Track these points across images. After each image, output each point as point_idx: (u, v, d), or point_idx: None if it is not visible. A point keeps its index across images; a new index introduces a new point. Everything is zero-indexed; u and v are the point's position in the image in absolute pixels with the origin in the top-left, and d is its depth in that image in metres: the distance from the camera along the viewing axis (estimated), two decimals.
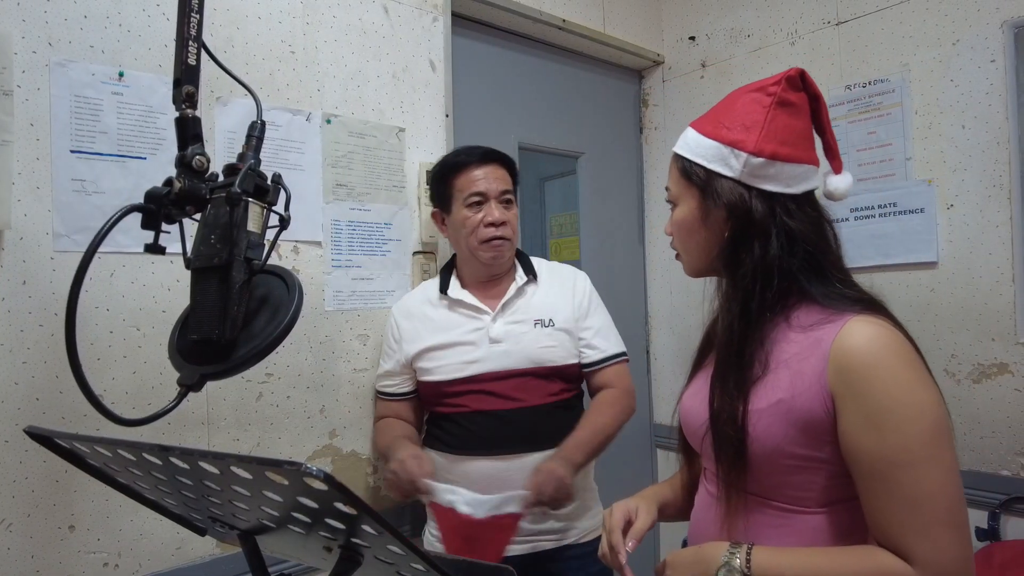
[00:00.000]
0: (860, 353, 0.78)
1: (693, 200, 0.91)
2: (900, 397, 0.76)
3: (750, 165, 0.86)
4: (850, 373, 0.78)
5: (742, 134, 0.87)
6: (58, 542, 1.15)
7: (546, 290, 1.48)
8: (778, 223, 0.86)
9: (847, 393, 0.79)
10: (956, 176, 1.71)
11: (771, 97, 0.87)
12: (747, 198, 0.86)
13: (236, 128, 1.37)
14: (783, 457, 0.83)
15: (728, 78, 2.20)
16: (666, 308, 2.40)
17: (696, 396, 0.97)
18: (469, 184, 1.41)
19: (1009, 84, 1.63)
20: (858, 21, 1.89)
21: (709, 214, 0.89)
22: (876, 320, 0.81)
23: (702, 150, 0.90)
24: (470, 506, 1.21)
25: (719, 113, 0.92)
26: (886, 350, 0.78)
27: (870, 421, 0.77)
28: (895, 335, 0.80)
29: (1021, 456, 1.61)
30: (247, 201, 0.87)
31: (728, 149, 0.87)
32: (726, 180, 0.88)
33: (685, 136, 0.95)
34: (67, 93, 1.17)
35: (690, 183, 0.91)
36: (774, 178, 0.87)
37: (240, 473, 0.58)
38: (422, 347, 1.42)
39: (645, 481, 2.41)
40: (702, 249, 0.93)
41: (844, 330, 0.80)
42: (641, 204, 2.46)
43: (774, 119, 0.87)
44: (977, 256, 1.67)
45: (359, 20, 1.59)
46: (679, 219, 0.94)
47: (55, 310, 1.15)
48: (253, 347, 0.86)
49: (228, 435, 1.35)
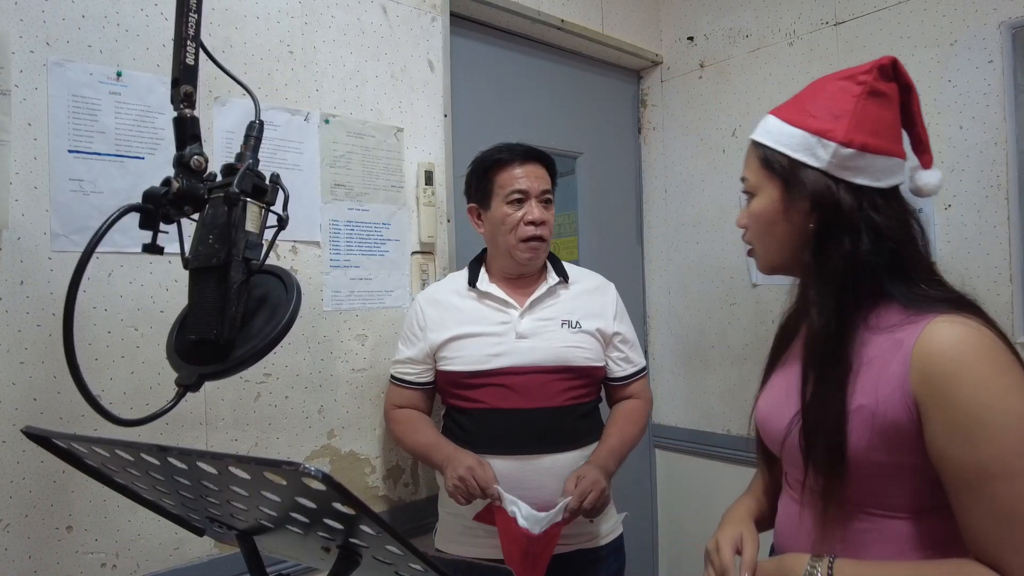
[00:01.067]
0: (944, 357, 0.74)
1: (775, 191, 0.87)
2: (991, 404, 0.71)
3: (839, 156, 0.82)
4: (935, 379, 0.74)
5: (830, 123, 0.83)
6: (56, 542, 1.15)
7: (576, 293, 1.49)
8: (865, 218, 0.82)
9: (932, 400, 0.74)
10: (954, 176, 1.71)
11: (861, 86, 0.83)
12: (835, 190, 0.82)
13: (234, 128, 1.37)
14: (868, 464, 0.79)
15: (726, 78, 2.20)
16: (664, 308, 2.40)
17: (774, 400, 0.93)
18: (511, 181, 1.41)
19: (1007, 85, 1.63)
20: (856, 21, 1.89)
21: (791, 206, 0.86)
22: (962, 319, 0.76)
23: (785, 138, 0.86)
24: (527, 521, 1.22)
25: (803, 101, 0.88)
26: (973, 352, 0.73)
27: (959, 430, 0.72)
28: (983, 335, 0.75)
29: None
30: (245, 201, 0.87)
31: (815, 138, 0.83)
32: (812, 170, 0.84)
33: (766, 123, 0.91)
34: (65, 93, 1.17)
35: (772, 173, 0.88)
36: (863, 170, 0.82)
37: (238, 473, 0.58)
38: (448, 336, 1.42)
39: (644, 482, 2.41)
40: (781, 243, 0.89)
41: (926, 332, 0.76)
42: (639, 204, 2.47)
43: (864, 109, 0.83)
44: (975, 256, 1.67)
45: (357, 20, 1.59)
46: (758, 210, 0.90)
47: (53, 310, 1.15)
48: (251, 347, 0.86)
49: (226, 435, 1.35)
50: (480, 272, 1.49)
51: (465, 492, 1.26)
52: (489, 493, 1.25)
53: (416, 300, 1.52)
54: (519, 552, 1.25)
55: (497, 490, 1.25)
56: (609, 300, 1.52)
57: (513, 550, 1.25)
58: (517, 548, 1.25)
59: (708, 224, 2.26)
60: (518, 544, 1.24)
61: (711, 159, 2.25)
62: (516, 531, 1.23)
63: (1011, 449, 0.70)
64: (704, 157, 2.27)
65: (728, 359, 2.21)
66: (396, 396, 1.50)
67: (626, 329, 1.52)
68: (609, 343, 1.48)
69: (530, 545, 1.23)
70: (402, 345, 1.50)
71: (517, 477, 1.32)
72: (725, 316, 2.22)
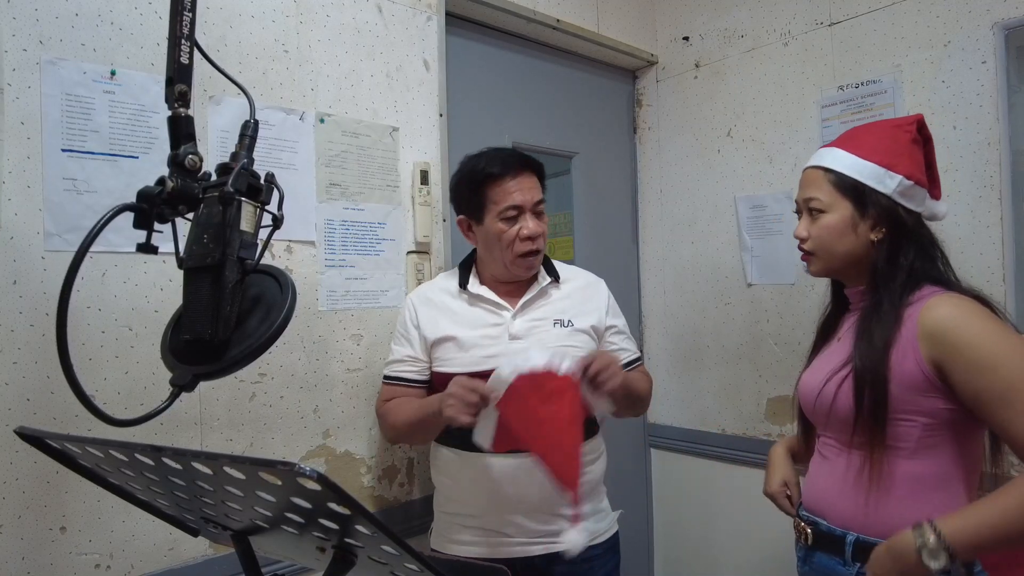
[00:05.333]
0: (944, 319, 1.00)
1: (846, 210, 1.12)
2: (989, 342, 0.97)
3: (903, 185, 1.10)
4: (943, 336, 1.00)
5: (894, 160, 1.10)
6: (49, 543, 1.14)
7: (567, 292, 1.49)
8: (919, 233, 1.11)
9: (946, 353, 0.99)
10: (948, 177, 1.71)
11: (909, 134, 1.13)
12: (899, 211, 1.10)
13: (229, 127, 1.36)
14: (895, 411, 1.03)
15: (722, 78, 2.21)
16: (659, 308, 2.40)
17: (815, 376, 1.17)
18: (504, 197, 1.37)
19: (1000, 85, 1.64)
20: (850, 22, 1.90)
21: (860, 222, 1.11)
22: (956, 296, 1.04)
23: (858, 168, 1.11)
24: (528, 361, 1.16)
25: (862, 139, 1.15)
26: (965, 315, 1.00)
27: (976, 366, 0.97)
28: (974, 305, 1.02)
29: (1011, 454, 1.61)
30: (240, 200, 0.87)
31: (883, 170, 1.10)
32: (881, 195, 1.10)
33: (833, 154, 1.15)
34: (58, 91, 1.16)
35: (844, 194, 1.12)
36: (911, 198, 1.11)
37: (233, 473, 0.58)
38: (441, 335, 1.41)
39: (640, 480, 2.41)
40: (846, 251, 1.13)
41: (925, 307, 1.03)
42: (635, 204, 2.47)
43: (913, 151, 1.12)
44: (968, 256, 1.68)
45: (353, 19, 1.58)
46: (830, 224, 1.13)
47: (46, 310, 1.14)
48: (246, 347, 0.86)
49: (221, 435, 1.35)
50: (470, 275, 1.47)
51: (463, 405, 1.18)
52: (483, 390, 1.18)
53: (409, 299, 1.51)
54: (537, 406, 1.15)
55: (489, 384, 1.18)
56: (601, 296, 1.52)
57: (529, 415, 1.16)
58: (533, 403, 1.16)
59: (703, 224, 2.26)
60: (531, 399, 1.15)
61: (706, 159, 2.25)
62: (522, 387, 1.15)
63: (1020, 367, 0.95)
64: (699, 157, 2.28)
65: (723, 358, 2.21)
66: (388, 394, 1.46)
67: (620, 322, 1.53)
68: (603, 337, 1.49)
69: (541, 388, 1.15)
70: (395, 345, 1.48)
71: (515, 475, 1.32)
72: (720, 315, 2.22)
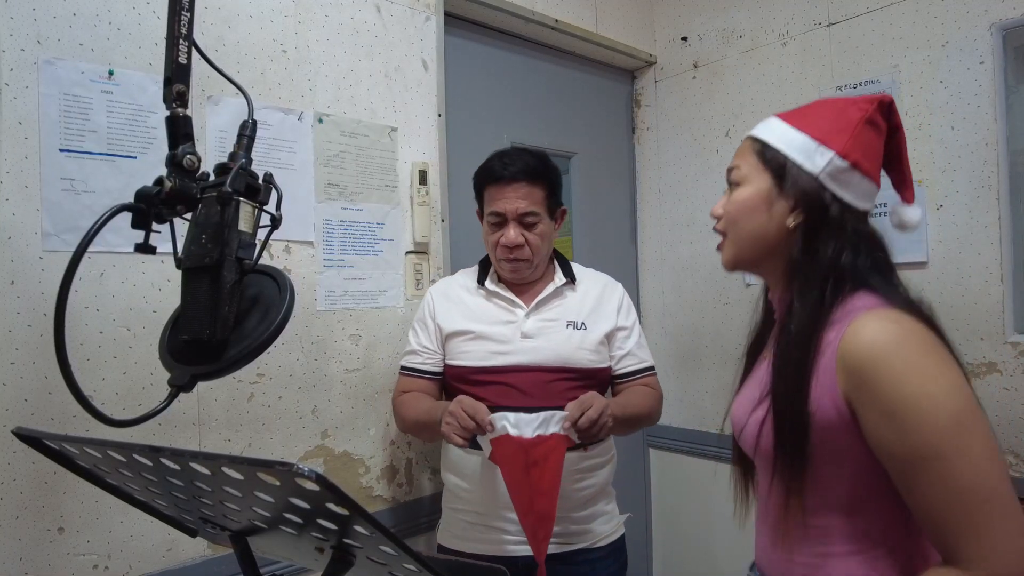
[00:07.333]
0: (864, 352, 0.77)
1: (763, 183, 0.91)
2: (912, 391, 0.74)
3: (833, 165, 0.87)
4: (859, 374, 0.77)
5: (832, 135, 0.88)
6: (47, 544, 1.14)
7: (583, 295, 1.49)
8: (850, 228, 0.87)
9: (860, 394, 0.78)
10: (946, 177, 1.72)
11: (862, 112, 0.88)
12: (823, 196, 0.87)
13: (227, 127, 1.36)
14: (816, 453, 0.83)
15: (720, 79, 2.21)
16: (658, 308, 2.40)
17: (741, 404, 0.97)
18: (491, 202, 1.42)
19: (998, 86, 1.64)
20: (849, 23, 1.90)
21: (776, 200, 0.89)
22: (884, 313, 0.80)
23: (788, 139, 0.90)
24: (516, 427, 1.23)
25: (809, 111, 0.93)
26: (892, 343, 0.77)
27: (887, 419, 0.76)
28: (903, 327, 0.78)
29: (1010, 454, 1.62)
30: (238, 200, 0.87)
31: (815, 143, 0.88)
32: (806, 173, 0.88)
33: (768, 123, 0.94)
34: (56, 91, 1.16)
35: (765, 166, 0.91)
36: (849, 186, 0.87)
37: (231, 474, 0.58)
38: (456, 328, 1.44)
39: (638, 480, 2.41)
40: (754, 236, 0.92)
41: (849, 329, 0.80)
42: (633, 204, 2.47)
43: (863, 131, 0.88)
44: (966, 256, 1.68)
45: (351, 19, 1.58)
46: (742, 198, 0.93)
47: (44, 310, 1.14)
48: (244, 347, 0.86)
49: (219, 436, 1.35)
50: (489, 272, 1.50)
51: (458, 428, 1.24)
52: (479, 419, 1.23)
53: (429, 291, 1.55)
54: (520, 471, 1.22)
55: (489, 419, 1.24)
56: (615, 299, 1.51)
57: (515, 470, 1.23)
58: (517, 467, 1.22)
59: (702, 224, 2.26)
60: (516, 462, 1.22)
61: (705, 159, 2.26)
62: (511, 449, 1.22)
63: (936, 431, 0.73)
64: (698, 157, 2.28)
65: (722, 359, 2.21)
66: (404, 385, 1.50)
67: (631, 323, 1.51)
68: (612, 340, 1.48)
69: (529, 455, 1.22)
70: (412, 335, 1.51)
71: None
72: (719, 316, 2.22)
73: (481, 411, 1.25)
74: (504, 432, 1.24)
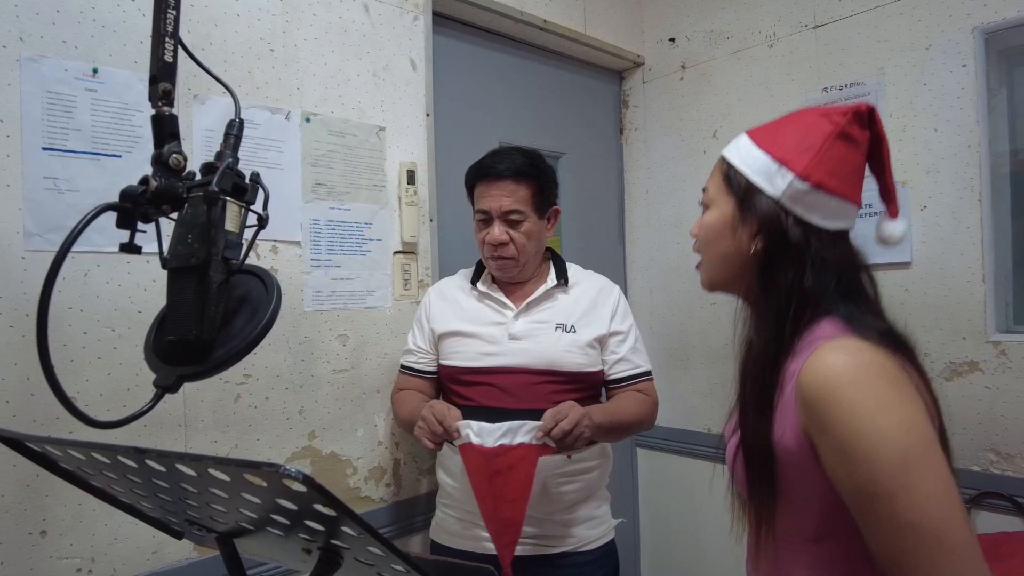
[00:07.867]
0: (817, 385, 0.75)
1: (727, 207, 0.89)
2: (860, 427, 0.72)
3: (793, 188, 0.83)
4: (814, 407, 0.76)
5: (795, 155, 0.84)
6: (29, 548, 1.13)
7: (576, 297, 1.48)
8: (812, 254, 0.83)
9: (815, 428, 0.76)
10: (929, 178, 1.74)
11: (834, 126, 0.84)
12: (783, 221, 0.84)
13: (214, 126, 1.35)
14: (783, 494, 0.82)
15: (708, 80, 2.22)
16: (647, 308, 2.41)
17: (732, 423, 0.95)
18: (478, 199, 1.44)
19: (980, 88, 1.66)
20: (835, 25, 1.92)
21: (739, 225, 0.87)
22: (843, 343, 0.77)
23: (751, 160, 0.88)
24: (479, 436, 1.22)
25: (778, 128, 0.90)
26: (845, 377, 0.74)
27: (838, 455, 0.74)
28: (858, 357, 0.76)
29: (991, 452, 1.64)
30: (225, 200, 0.86)
31: (776, 165, 0.85)
32: (765, 197, 0.85)
33: (738, 141, 0.92)
34: (39, 89, 1.15)
35: (729, 190, 0.89)
36: (814, 208, 0.83)
37: (217, 475, 0.57)
38: (447, 328, 1.46)
39: (627, 480, 2.42)
40: (724, 259, 0.91)
41: (808, 361, 0.77)
42: (621, 204, 2.48)
43: (831, 148, 0.84)
44: (949, 256, 1.71)
45: (339, 18, 1.58)
46: (708, 222, 0.92)
47: (27, 311, 1.13)
48: (231, 348, 0.85)
49: (206, 437, 1.34)
50: (483, 273, 1.51)
51: (428, 432, 1.26)
52: (447, 425, 1.24)
53: (428, 291, 1.57)
54: (485, 480, 1.21)
55: (456, 425, 1.23)
56: (610, 303, 1.49)
57: (480, 478, 1.22)
58: (483, 476, 1.21)
59: (689, 224, 2.25)
60: (481, 470, 1.21)
61: (692, 160, 2.27)
62: (477, 457, 1.21)
63: (883, 468, 0.71)
64: (685, 158, 2.29)
65: (709, 358, 2.23)
66: (400, 382, 1.54)
67: (626, 328, 1.48)
68: (606, 345, 1.46)
69: (493, 464, 1.20)
70: (410, 334, 1.54)
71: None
72: (706, 316, 2.24)
73: (449, 417, 1.25)
74: (468, 440, 1.23)
